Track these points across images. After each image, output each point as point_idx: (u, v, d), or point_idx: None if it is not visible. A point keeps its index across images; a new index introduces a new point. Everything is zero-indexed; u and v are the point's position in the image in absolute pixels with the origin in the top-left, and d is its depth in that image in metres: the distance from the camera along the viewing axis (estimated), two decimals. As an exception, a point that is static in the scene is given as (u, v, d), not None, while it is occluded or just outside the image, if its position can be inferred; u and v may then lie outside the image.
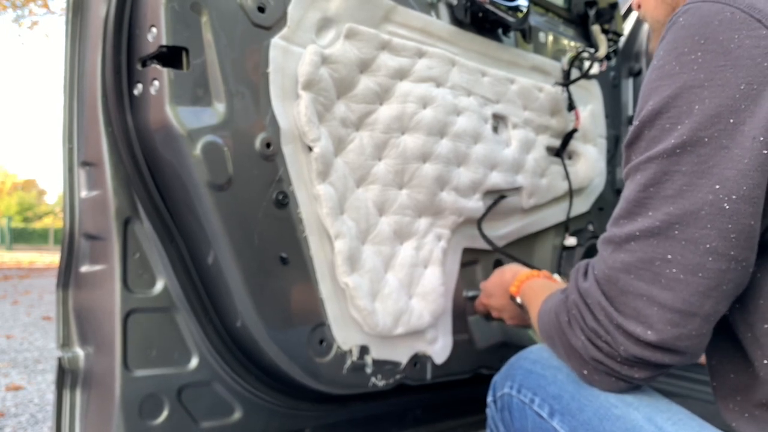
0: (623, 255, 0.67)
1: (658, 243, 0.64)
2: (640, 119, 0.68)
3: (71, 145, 1.05)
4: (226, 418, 1.08)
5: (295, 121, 1.04)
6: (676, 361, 0.67)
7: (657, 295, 0.64)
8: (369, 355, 1.13)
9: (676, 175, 0.63)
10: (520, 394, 0.87)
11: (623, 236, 0.68)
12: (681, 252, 0.63)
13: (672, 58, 0.65)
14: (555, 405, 0.81)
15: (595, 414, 0.76)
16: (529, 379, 0.86)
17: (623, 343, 0.67)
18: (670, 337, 0.65)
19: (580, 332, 0.73)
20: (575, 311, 0.73)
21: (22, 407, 2.49)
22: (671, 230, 0.63)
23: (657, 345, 0.65)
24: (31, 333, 4.31)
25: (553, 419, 0.80)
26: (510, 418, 0.88)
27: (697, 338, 0.66)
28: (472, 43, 1.35)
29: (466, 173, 1.30)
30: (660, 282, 0.64)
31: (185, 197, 0.96)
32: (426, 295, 1.21)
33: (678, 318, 0.64)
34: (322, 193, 1.05)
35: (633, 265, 0.66)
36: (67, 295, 1.05)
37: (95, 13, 1.00)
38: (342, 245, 1.07)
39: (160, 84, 0.92)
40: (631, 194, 0.68)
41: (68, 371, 1.01)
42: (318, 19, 1.07)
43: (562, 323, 0.76)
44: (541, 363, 0.87)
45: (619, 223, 0.70)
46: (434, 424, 1.42)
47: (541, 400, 0.83)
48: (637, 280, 0.66)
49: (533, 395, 0.84)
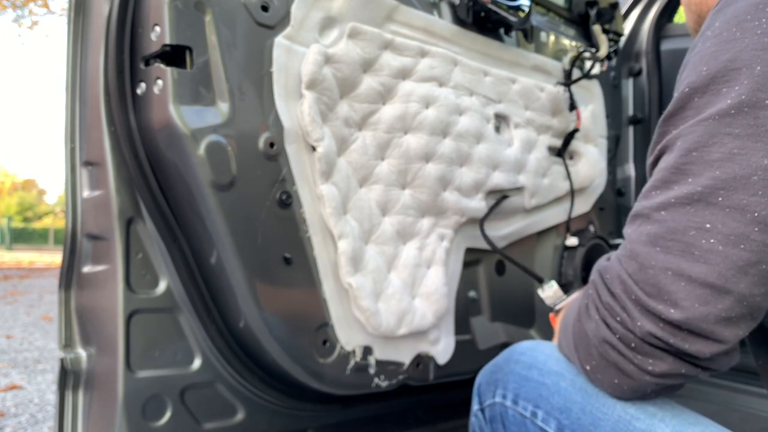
0: (650, 226, 0.62)
1: (695, 211, 0.59)
2: (689, 86, 0.62)
3: (73, 145, 1.05)
4: (229, 418, 1.07)
5: (298, 120, 1.03)
6: (698, 348, 0.59)
7: (686, 268, 0.58)
8: (372, 355, 1.13)
9: (727, 138, 0.58)
10: (517, 405, 0.79)
11: (654, 206, 0.62)
12: (723, 220, 0.57)
13: (732, 26, 0.61)
14: (563, 419, 0.73)
15: (614, 429, 0.69)
16: (527, 387, 0.78)
17: (640, 319, 0.60)
18: (697, 315, 0.58)
19: (595, 311, 0.66)
20: (592, 290, 0.67)
21: (22, 407, 2.49)
22: (714, 196, 0.58)
23: (680, 325, 0.59)
24: (31, 333, 4.30)
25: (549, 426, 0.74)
26: (504, 431, 0.81)
27: (725, 323, 0.59)
28: (474, 42, 1.35)
29: (469, 173, 1.30)
30: (692, 254, 0.58)
31: (188, 197, 0.96)
32: (429, 295, 1.21)
33: (708, 294, 0.58)
34: (326, 193, 1.05)
35: (660, 236, 0.60)
36: (69, 296, 1.05)
37: (98, 12, 1.00)
38: (345, 245, 1.06)
39: (163, 83, 0.92)
40: (669, 163, 0.62)
41: (70, 372, 1.01)
42: (321, 19, 1.07)
43: (580, 308, 0.69)
44: (538, 368, 0.80)
45: (650, 195, 0.64)
46: (436, 424, 1.41)
47: (545, 413, 0.75)
48: (664, 253, 0.60)
49: (534, 407, 0.77)
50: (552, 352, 0.81)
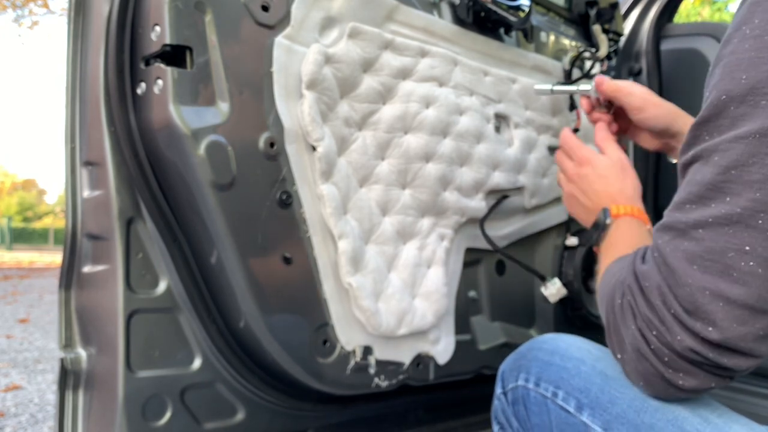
0: (687, 243, 0.60)
1: (734, 232, 0.58)
2: (726, 94, 0.60)
3: (73, 145, 1.05)
4: (229, 418, 1.07)
5: (298, 120, 1.03)
6: (736, 363, 0.60)
7: (725, 290, 0.58)
8: (372, 355, 1.13)
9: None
10: (539, 387, 0.81)
11: (690, 222, 0.61)
12: (763, 244, 0.56)
13: None
14: (582, 398, 0.75)
15: (630, 406, 0.70)
16: (549, 371, 0.80)
17: (679, 333, 0.60)
18: (735, 335, 0.58)
19: (632, 319, 0.65)
20: (629, 296, 0.66)
21: (22, 407, 2.49)
22: (754, 219, 0.57)
23: (719, 344, 0.59)
24: (31, 333, 4.31)
25: (581, 413, 0.74)
26: (526, 412, 0.83)
27: (762, 339, 0.59)
28: (474, 42, 1.35)
29: (469, 173, 1.30)
30: (731, 275, 0.58)
31: (188, 197, 0.96)
32: (429, 295, 1.21)
33: (747, 315, 0.58)
34: (326, 193, 1.05)
35: (699, 255, 0.59)
36: (69, 296, 1.05)
37: (98, 11, 1.00)
38: (346, 245, 1.06)
39: (163, 83, 0.92)
40: (704, 177, 0.60)
41: (70, 372, 1.01)
42: (321, 18, 1.07)
43: (615, 305, 0.68)
44: (560, 354, 0.81)
45: (684, 208, 0.62)
46: (436, 424, 1.41)
47: (566, 393, 0.77)
48: (702, 272, 0.59)
49: (555, 388, 0.78)
50: (573, 342, 0.83)
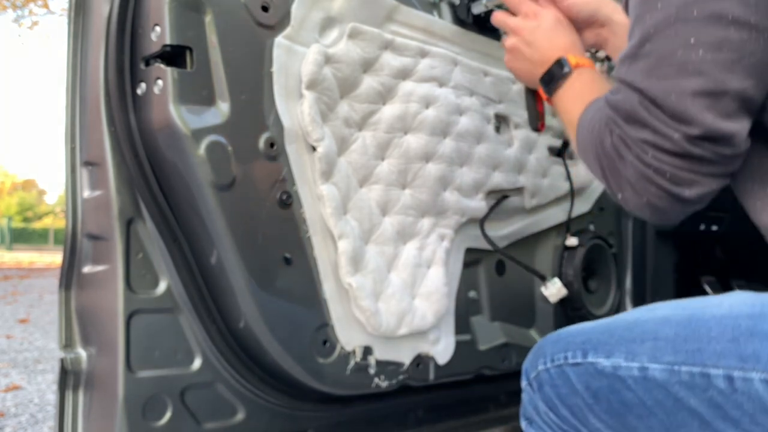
0: (641, 63, 0.67)
1: (676, 31, 0.64)
2: None
3: (74, 145, 1.05)
4: (229, 419, 1.07)
5: (298, 120, 1.03)
6: (723, 152, 0.64)
7: (686, 86, 0.63)
8: (372, 355, 1.13)
9: None
10: (553, 362, 0.86)
11: (636, 42, 0.67)
12: (703, 30, 0.62)
13: None
14: (586, 346, 0.81)
15: (624, 327, 0.78)
16: (557, 346, 0.86)
17: (672, 140, 0.64)
18: (710, 122, 0.63)
19: (627, 151, 0.69)
20: (617, 130, 0.70)
21: (22, 407, 2.49)
22: (689, 11, 0.62)
23: (703, 137, 0.64)
24: (31, 333, 4.31)
25: (587, 357, 0.80)
26: (552, 391, 0.86)
27: (734, 116, 0.64)
28: (474, 42, 1.35)
29: (469, 173, 1.30)
30: (687, 70, 0.63)
31: (188, 197, 0.96)
32: (429, 295, 1.21)
33: (710, 101, 0.63)
34: (326, 193, 1.05)
35: (654, 66, 0.65)
36: (69, 296, 1.05)
37: (98, 12, 1.00)
38: (346, 245, 1.06)
39: (163, 83, 0.92)
40: (636, 4, 0.67)
41: (71, 372, 1.01)
42: (321, 19, 1.07)
43: (606, 146, 0.72)
44: (566, 332, 0.89)
45: (631, 36, 0.69)
46: (436, 424, 1.41)
47: (573, 351, 0.83)
48: (661, 80, 0.65)
49: (564, 353, 0.84)
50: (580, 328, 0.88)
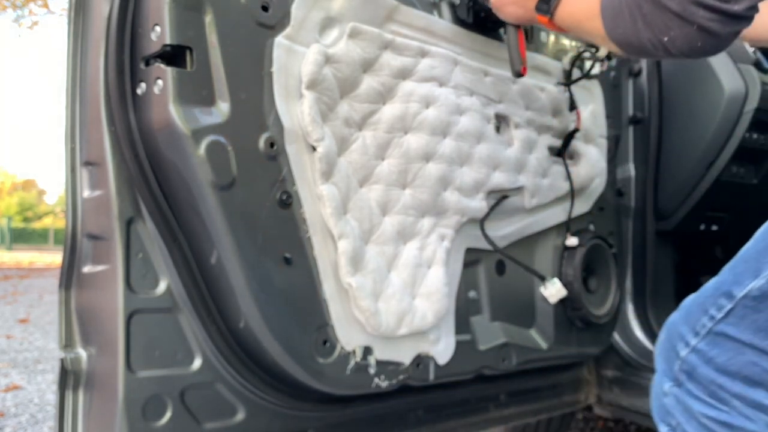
0: None
1: None
2: None
3: (74, 145, 1.05)
4: (229, 419, 1.07)
5: (298, 120, 1.03)
6: None
7: None
8: (372, 355, 1.13)
9: None
10: (698, 335, 0.89)
11: None
12: None
13: None
14: (724, 287, 0.86)
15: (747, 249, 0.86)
16: (690, 317, 0.90)
17: None
18: None
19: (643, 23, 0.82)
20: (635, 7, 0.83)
21: (22, 407, 2.49)
22: None
23: None
24: (31, 333, 4.31)
25: (736, 294, 0.84)
26: (709, 368, 0.88)
27: None
28: (474, 42, 1.35)
29: (469, 173, 1.30)
30: None
31: (188, 197, 0.96)
32: (429, 295, 1.21)
33: None
34: (326, 193, 1.05)
35: None
36: (69, 296, 1.04)
37: (98, 12, 1.00)
38: (346, 245, 1.06)
39: (163, 83, 0.92)
40: None
41: (71, 372, 1.01)
42: (321, 19, 1.07)
43: None
44: (690, 303, 0.93)
45: None
46: (436, 424, 1.41)
47: (714, 304, 0.87)
48: None
49: (704, 315, 0.88)
50: (698, 291, 0.93)
